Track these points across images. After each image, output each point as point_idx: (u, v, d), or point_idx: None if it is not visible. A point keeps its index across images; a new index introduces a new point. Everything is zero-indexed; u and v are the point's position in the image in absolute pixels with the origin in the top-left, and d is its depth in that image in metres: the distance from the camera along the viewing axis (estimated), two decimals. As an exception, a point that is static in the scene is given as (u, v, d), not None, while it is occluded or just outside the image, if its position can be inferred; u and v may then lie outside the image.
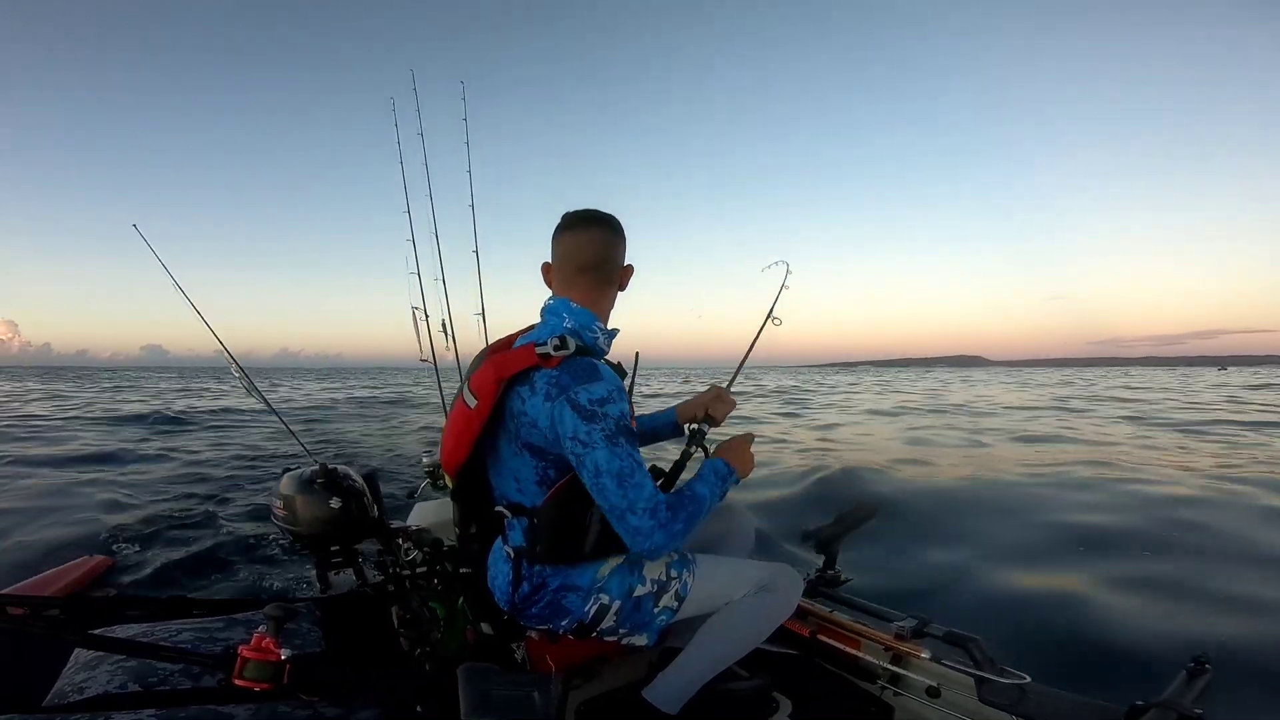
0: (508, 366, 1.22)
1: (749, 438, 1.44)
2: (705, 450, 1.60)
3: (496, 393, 1.22)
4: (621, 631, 1.34)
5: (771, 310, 2.02)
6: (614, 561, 1.33)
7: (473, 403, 1.25)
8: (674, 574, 1.35)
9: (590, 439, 1.14)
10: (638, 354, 1.44)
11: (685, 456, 1.63)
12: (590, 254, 1.29)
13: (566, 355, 1.19)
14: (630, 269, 1.35)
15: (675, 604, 1.34)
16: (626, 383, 1.39)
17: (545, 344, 1.20)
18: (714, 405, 1.59)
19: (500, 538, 1.36)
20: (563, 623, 1.32)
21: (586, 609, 1.31)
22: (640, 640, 1.35)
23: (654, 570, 1.35)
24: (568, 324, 1.26)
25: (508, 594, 1.33)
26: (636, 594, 1.32)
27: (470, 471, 1.36)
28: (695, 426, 1.61)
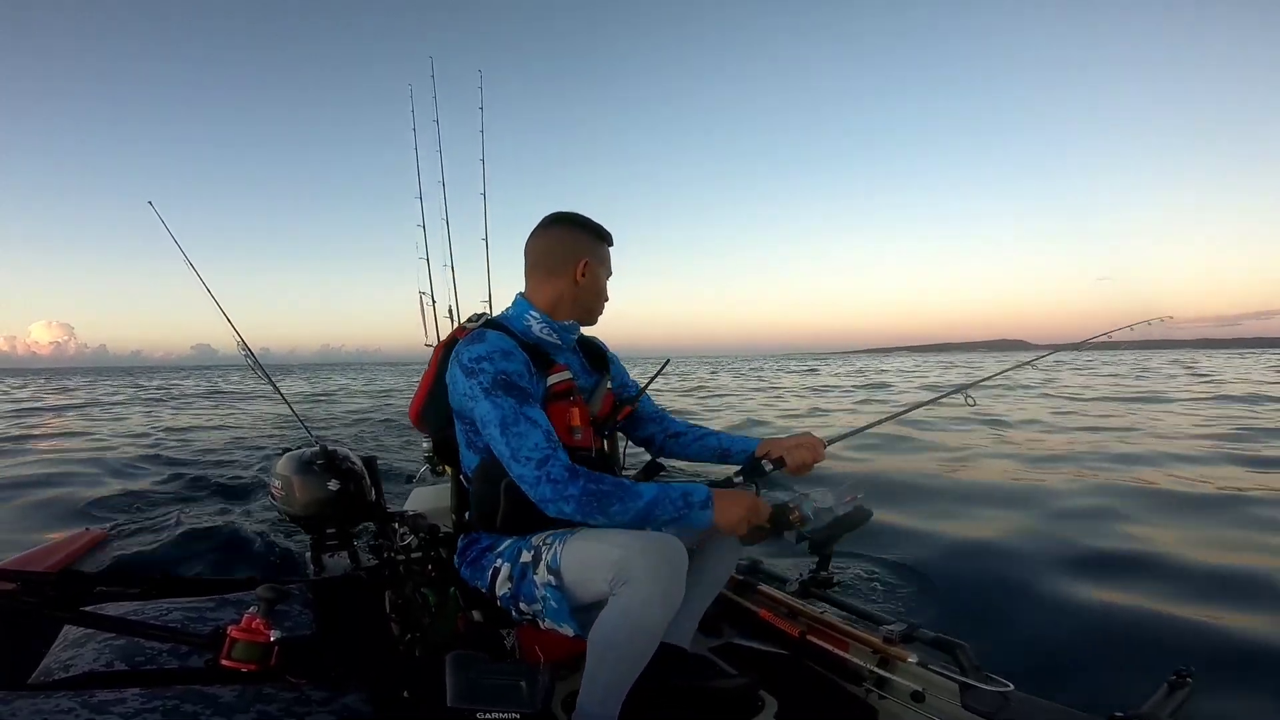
0: (451, 338, 1.47)
1: (756, 503, 1.27)
2: (756, 487, 1.48)
3: (438, 357, 1.46)
4: (524, 607, 1.29)
5: (968, 388, 1.80)
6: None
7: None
8: (549, 541, 1.28)
9: (472, 392, 1.27)
10: (668, 360, 1.51)
11: (725, 479, 1.49)
12: (530, 256, 1.47)
13: (474, 328, 1.39)
14: (584, 264, 1.42)
15: (552, 579, 1.24)
16: (642, 381, 1.68)
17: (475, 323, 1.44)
18: (795, 451, 1.47)
19: None
20: (480, 584, 1.37)
21: (489, 571, 1.34)
22: (566, 630, 1.25)
23: (539, 536, 1.31)
24: (506, 311, 1.47)
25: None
26: (522, 560, 1.30)
27: (447, 449, 1.53)
28: (761, 460, 1.51)
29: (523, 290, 1.47)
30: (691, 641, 1.58)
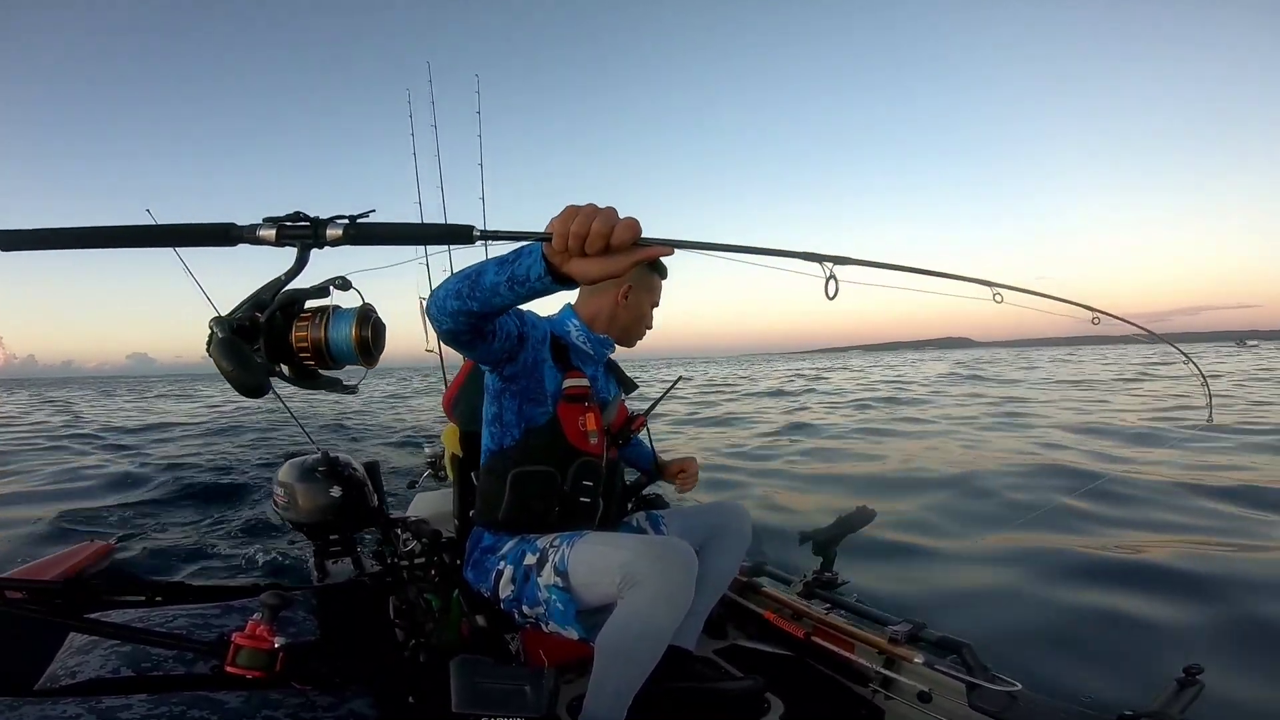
0: None
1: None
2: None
3: None
4: (527, 610, 1.31)
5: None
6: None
7: None
8: (556, 544, 1.29)
9: None
10: (679, 378, 1.67)
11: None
12: None
13: None
14: (628, 288, 1.52)
15: (559, 581, 1.25)
16: (647, 394, 1.74)
17: None
18: (681, 477, 1.73)
19: None
20: (483, 587, 1.39)
21: (492, 574, 1.36)
22: (571, 633, 1.26)
23: (545, 540, 1.32)
24: (552, 315, 1.55)
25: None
26: (526, 562, 1.31)
27: (470, 445, 1.58)
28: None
29: (571, 302, 1.58)
30: (697, 644, 1.58)
